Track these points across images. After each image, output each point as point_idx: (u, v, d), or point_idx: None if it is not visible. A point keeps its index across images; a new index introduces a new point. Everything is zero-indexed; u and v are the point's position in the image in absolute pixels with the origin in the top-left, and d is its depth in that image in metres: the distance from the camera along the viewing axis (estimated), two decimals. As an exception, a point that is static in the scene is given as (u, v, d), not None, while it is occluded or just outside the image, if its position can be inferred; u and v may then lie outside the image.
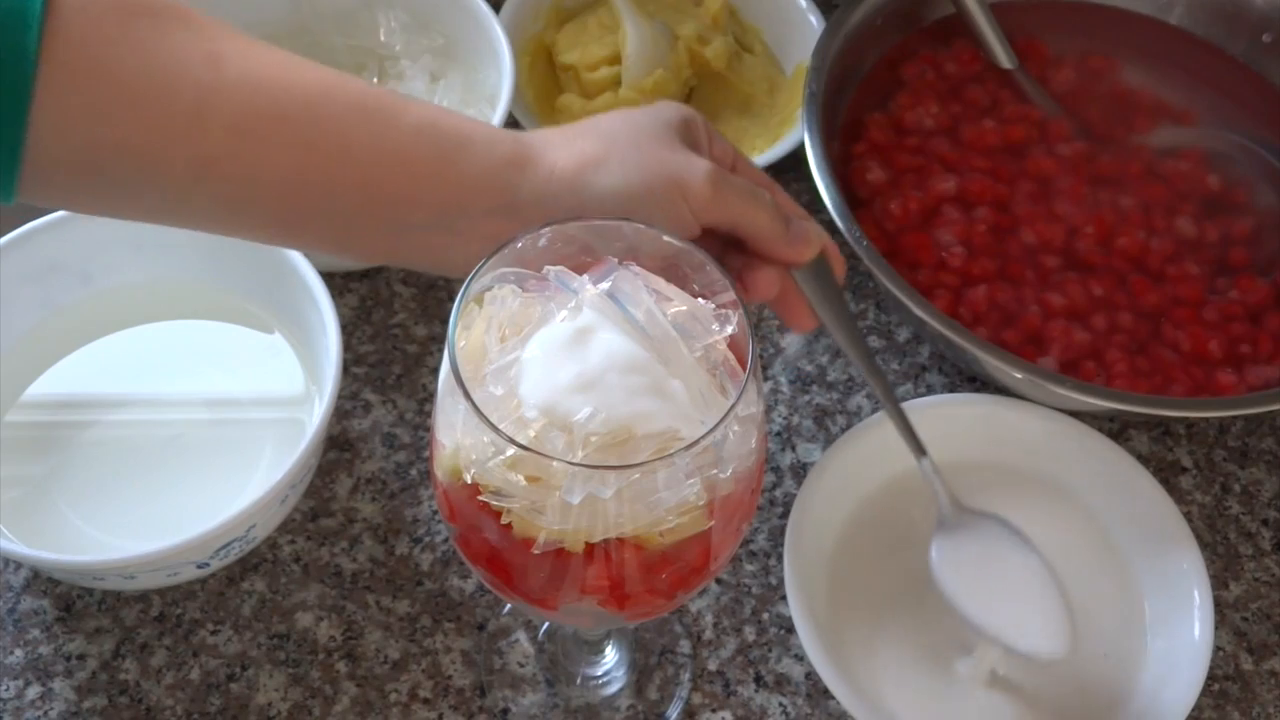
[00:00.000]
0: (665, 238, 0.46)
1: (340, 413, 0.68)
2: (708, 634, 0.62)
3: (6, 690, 0.59)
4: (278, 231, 0.51)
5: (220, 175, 0.47)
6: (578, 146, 0.52)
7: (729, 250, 0.55)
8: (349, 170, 0.49)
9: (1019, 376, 0.61)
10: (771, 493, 0.67)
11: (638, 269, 0.46)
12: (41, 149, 0.44)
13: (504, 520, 0.43)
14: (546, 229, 0.46)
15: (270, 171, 0.48)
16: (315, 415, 0.59)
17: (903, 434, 0.59)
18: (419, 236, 0.51)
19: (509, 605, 0.62)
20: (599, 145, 0.52)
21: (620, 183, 0.51)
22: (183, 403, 0.66)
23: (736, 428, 0.42)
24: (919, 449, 0.58)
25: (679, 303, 0.45)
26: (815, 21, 0.79)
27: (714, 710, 0.60)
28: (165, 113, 0.46)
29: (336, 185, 0.49)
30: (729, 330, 0.45)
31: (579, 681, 0.61)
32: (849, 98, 0.74)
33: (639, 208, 0.50)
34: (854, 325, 0.58)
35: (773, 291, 0.55)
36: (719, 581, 0.64)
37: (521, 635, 0.62)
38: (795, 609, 0.57)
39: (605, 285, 0.45)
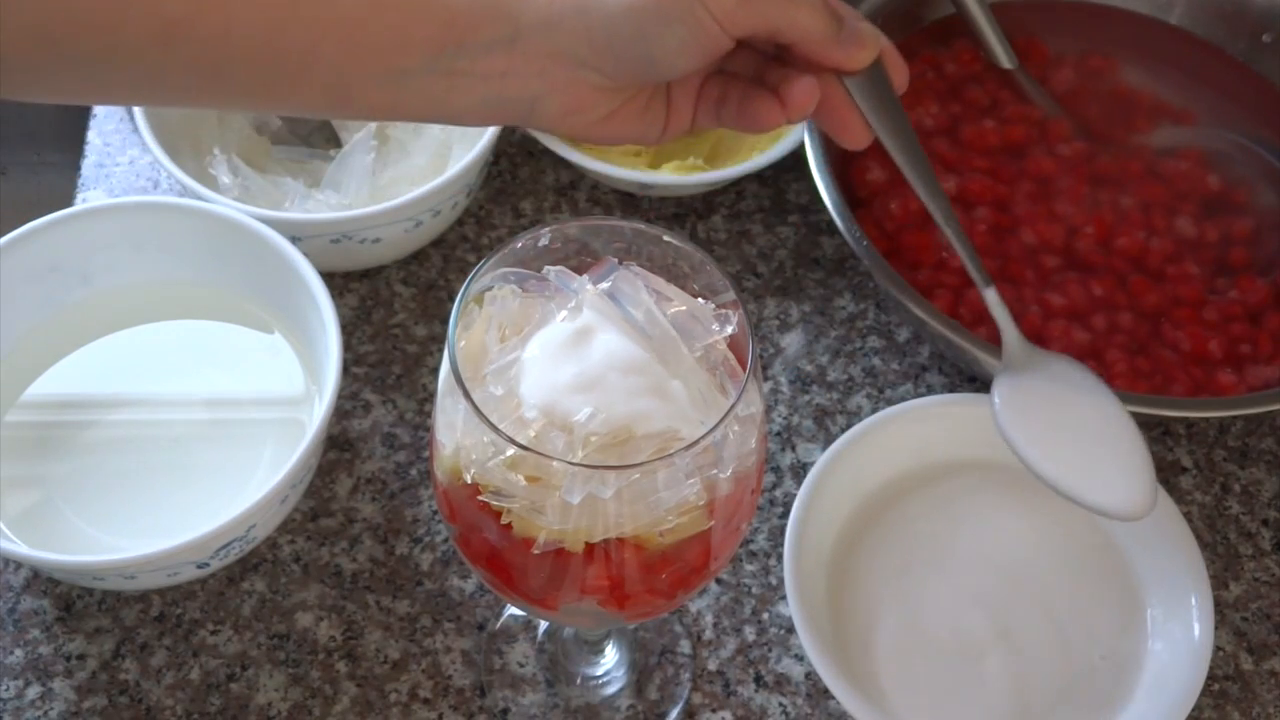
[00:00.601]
0: (666, 238, 0.46)
1: (340, 413, 0.68)
2: (708, 634, 0.62)
3: (6, 690, 0.59)
4: (266, 96, 0.47)
5: (188, 37, 0.44)
6: None
7: (770, 65, 0.49)
8: (325, 16, 0.45)
9: (1019, 376, 0.61)
10: (771, 493, 0.67)
11: (638, 269, 0.46)
12: None
13: (504, 520, 0.43)
14: (546, 229, 0.46)
15: (240, 26, 0.44)
16: (315, 415, 0.59)
17: (968, 263, 0.54)
18: (418, 84, 0.47)
19: (509, 605, 0.62)
20: None
21: None
22: (183, 403, 0.66)
23: (736, 428, 0.42)
24: (985, 279, 0.54)
25: (679, 303, 0.45)
26: (815, 21, 0.79)
27: (714, 710, 0.60)
28: None
29: (316, 36, 0.45)
30: (729, 330, 0.45)
31: (579, 681, 0.61)
32: (849, 98, 0.74)
33: (654, 26, 0.45)
34: (915, 141, 0.51)
35: (812, 103, 0.48)
36: (719, 581, 0.64)
37: (521, 635, 0.62)
38: (795, 609, 0.57)
39: (605, 285, 0.45)
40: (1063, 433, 0.51)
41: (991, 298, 0.54)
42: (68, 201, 0.75)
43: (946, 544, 0.62)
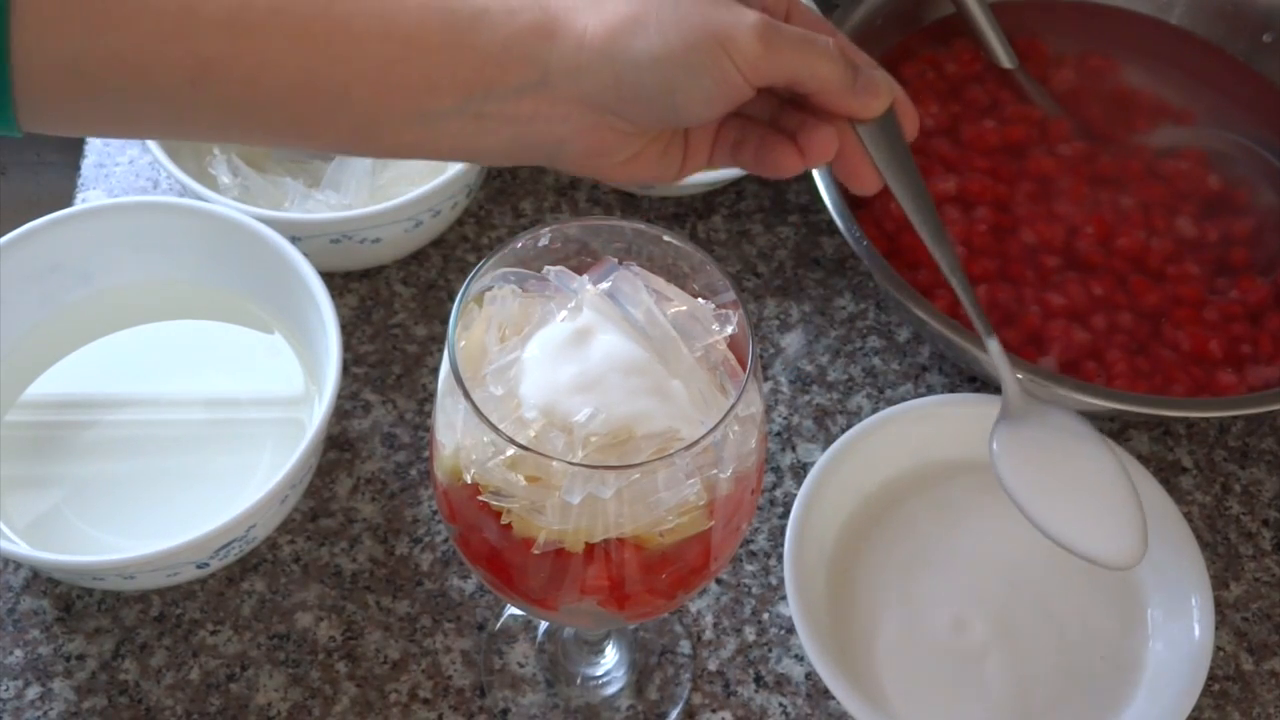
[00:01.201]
0: (666, 238, 0.46)
1: (340, 413, 0.68)
2: (708, 634, 0.62)
3: (6, 690, 0.59)
4: (297, 135, 0.48)
5: (220, 78, 0.44)
6: (609, 9, 0.46)
7: (785, 109, 0.50)
8: (357, 58, 0.45)
9: (1019, 376, 0.61)
10: (771, 493, 0.67)
11: (638, 269, 0.46)
12: (29, 66, 0.42)
13: (504, 520, 0.43)
14: (546, 229, 0.46)
15: (273, 68, 0.45)
16: (315, 415, 0.59)
17: (971, 312, 0.54)
18: (446, 125, 0.47)
19: (509, 605, 0.62)
20: (632, 5, 0.46)
21: (659, 46, 0.45)
22: (183, 403, 0.66)
23: (736, 428, 0.42)
24: (987, 329, 0.55)
25: (679, 303, 0.45)
26: (815, 21, 0.79)
27: (714, 710, 0.60)
28: (150, 13, 0.43)
29: (348, 77, 0.46)
30: (729, 330, 0.45)
31: (579, 681, 0.61)
32: (849, 98, 0.74)
33: (681, 74, 0.46)
34: (923, 189, 0.52)
35: (831, 152, 0.49)
36: (719, 581, 0.64)
37: (521, 635, 0.62)
38: (795, 609, 0.57)
39: (605, 285, 0.45)
40: (1058, 482, 0.53)
41: (994, 349, 0.55)
42: (68, 201, 0.75)
43: (946, 544, 0.62)
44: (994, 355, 0.56)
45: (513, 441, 0.40)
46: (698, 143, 0.52)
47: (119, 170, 0.77)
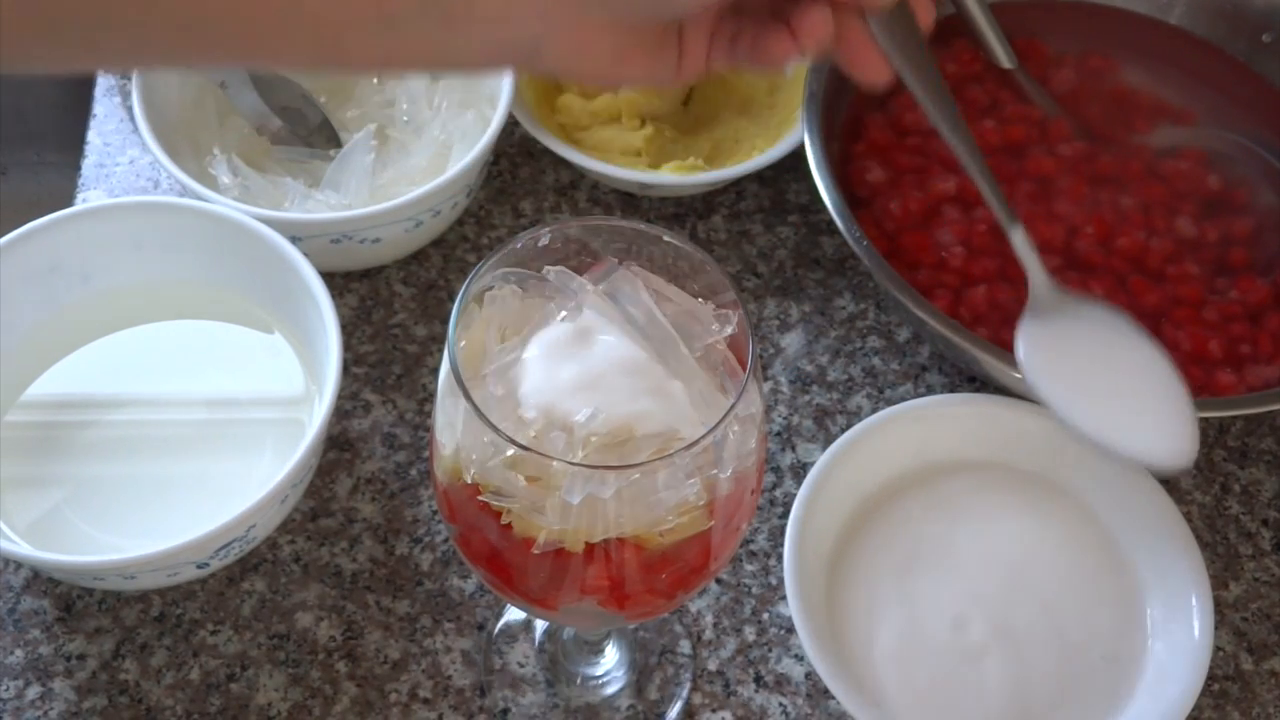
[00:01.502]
0: (666, 238, 0.46)
1: (340, 413, 0.68)
2: (708, 634, 0.62)
3: (6, 690, 0.59)
4: (257, 50, 0.45)
5: None
6: None
7: (787, 1, 0.47)
8: None
9: (1019, 376, 0.61)
10: (771, 493, 0.67)
11: (638, 269, 0.46)
12: None
13: (504, 520, 0.43)
14: (546, 229, 0.46)
15: None
16: (315, 415, 0.59)
17: (993, 202, 0.51)
18: (412, 31, 0.44)
19: (509, 605, 0.62)
20: None
21: None
22: (183, 403, 0.66)
23: (736, 428, 0.42)
24: (1011, 218, 0.51)
25: (679, 303, 0.45)
26: (815, 21, 0.79)
27: (714, 710, 0.60)
28: None
29: None
30: (729, 330, 0.45)
31: (579, 681, 0.61)
32: (849, 98, 0.74)
33: None
34: (939, 80, 0.49)
35: (825, 33, 0.46)
36: (719, 581, 0.64)
37: (521, 635, 0.62)
38: (795, 609, 0.57)
39: (605, 285, 0.45)
40: (1095, 379, 0.48)
41: (1018, 238, 0.51)
42: (68, 201, 0.75)
43: (946, 544, 0.62)
44: (1018, 246, 0.51)
45: (513, 441, 0.40)
46: (693, 41, 0.48)
47: (119, 170, 0.77)
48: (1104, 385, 0.47)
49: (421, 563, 0.63)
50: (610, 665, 0.61)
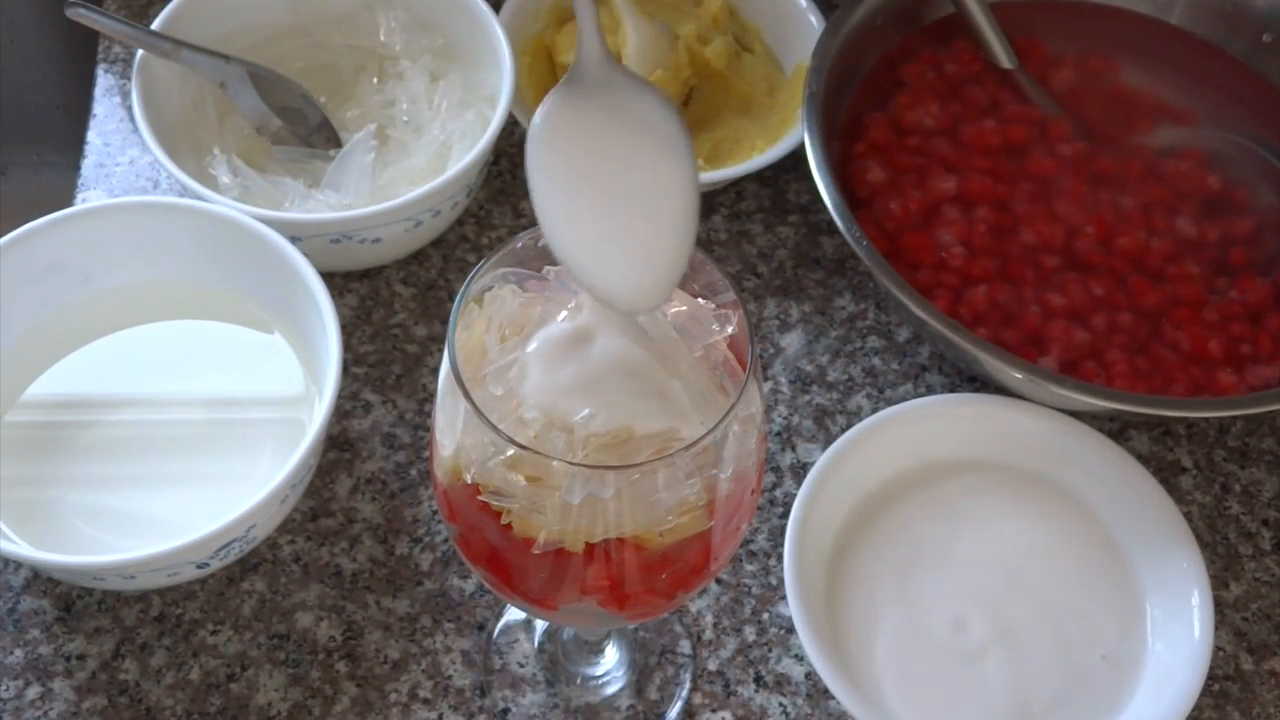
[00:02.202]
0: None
1: (340, 413, 0.68)
2: (708, 634, 0.62)
3: (6, 690, 0.59)
4: None
5: None
6: None
7: None
8: None
9: (1019, 376, 0.61)
10: (771, 493, 0.67)
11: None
12: None
13: (504, 520, 0.43)
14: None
15: None
16: (315, 415, 0.59)
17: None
18: None
19: (509, 605, 0.62)
20: None
21: None
22: (183, 403, 0.66)
23: (736, 428, 0.42)
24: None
25: (679, 303, 0.45)
26: (815, 21, 0.79)
27: (714, 710, 0.60)
28: None
29: None
30: (729, 330, 0.45)
31: (579, 681, 0.61)
32: (849, 98, 0.74)
33: None
34: None
35: None
36: (719, 581, 0.64)
37: (521, 635, 0.62)
38: (795, 609, 0.57)
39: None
40: (597, 188, 0.40)
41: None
42: (68, 201, 0.75)
43: (946, 544, 0.62)
44: (581, 10, 0.41)
45: (513, 441, 0.40)
46: None
47: (119, 170, 0.77)
48: (601, 195, 0.40)
49: (421, 563, 0.63)
50: (610, 665, 0.61)
